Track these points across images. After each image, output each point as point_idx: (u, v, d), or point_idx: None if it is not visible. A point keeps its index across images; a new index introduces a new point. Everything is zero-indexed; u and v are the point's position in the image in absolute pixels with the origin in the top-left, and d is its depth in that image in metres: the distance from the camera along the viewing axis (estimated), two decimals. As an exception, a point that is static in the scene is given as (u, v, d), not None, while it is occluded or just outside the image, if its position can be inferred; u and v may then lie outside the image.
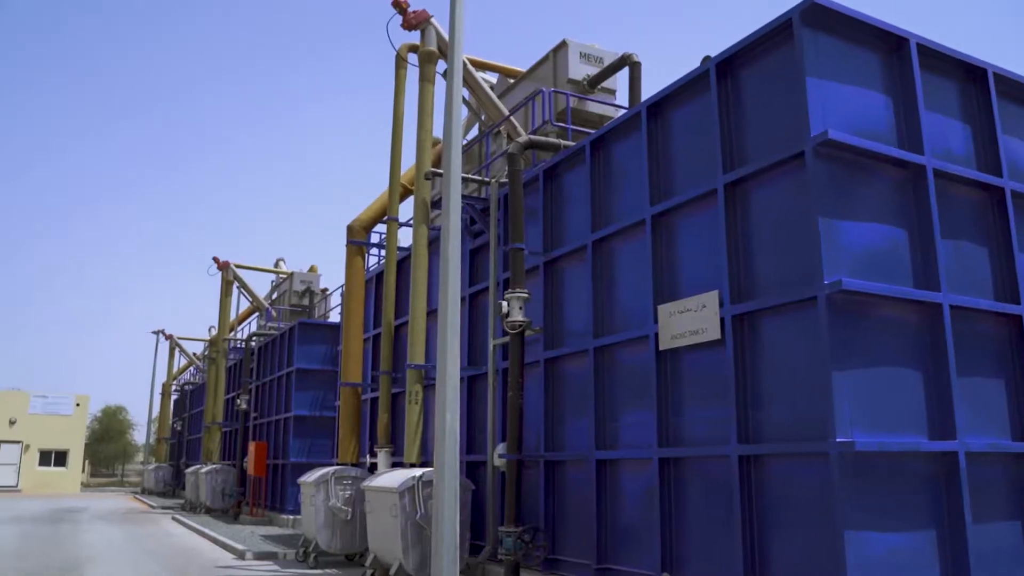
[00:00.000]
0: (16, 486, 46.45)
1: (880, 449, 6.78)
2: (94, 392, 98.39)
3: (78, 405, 49.87)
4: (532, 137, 11.89)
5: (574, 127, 12.91)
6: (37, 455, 47.83)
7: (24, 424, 47.61)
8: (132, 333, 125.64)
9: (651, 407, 8.98)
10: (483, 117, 15.76)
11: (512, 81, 15.84)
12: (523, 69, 15.73)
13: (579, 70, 13.94)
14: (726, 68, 8.66)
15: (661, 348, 8.95)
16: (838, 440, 6.66)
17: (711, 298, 8.34)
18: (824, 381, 6.89)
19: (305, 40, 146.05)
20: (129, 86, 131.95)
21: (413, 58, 14.89)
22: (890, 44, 8.20)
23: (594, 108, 13.71)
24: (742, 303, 7.99)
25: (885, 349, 7.27)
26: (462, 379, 12.57)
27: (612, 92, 14.28)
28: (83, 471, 52.79)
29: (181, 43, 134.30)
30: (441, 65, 14.16)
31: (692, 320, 8.56)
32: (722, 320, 8.16)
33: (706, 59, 9.14)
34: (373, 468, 13.65)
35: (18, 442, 47.29)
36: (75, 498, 39.65)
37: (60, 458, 48.56)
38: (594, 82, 13.89)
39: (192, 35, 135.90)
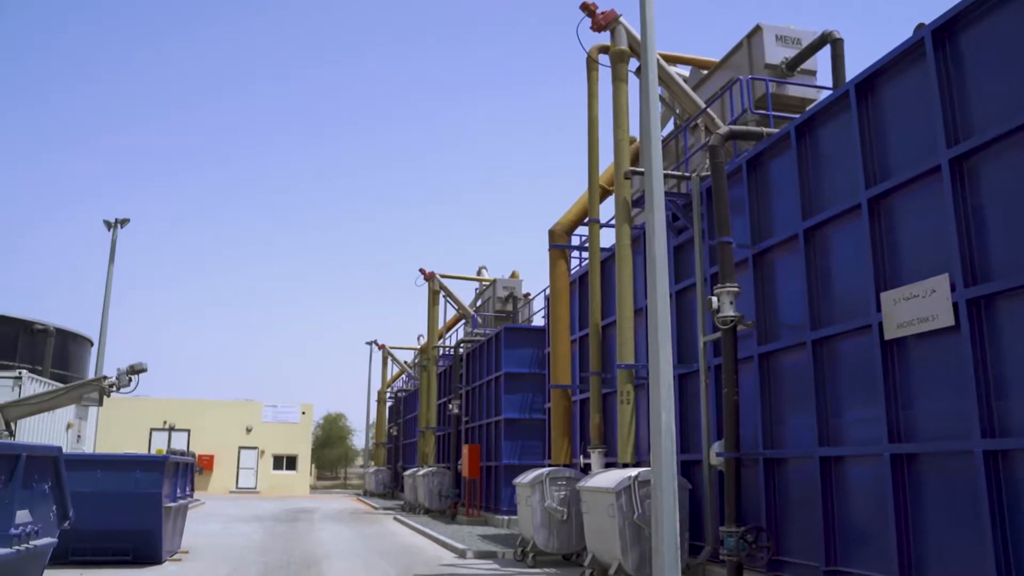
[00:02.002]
0: (255, 488, 50.56)
1: None
2: (316, 400, 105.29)
3: (303, 413, 53.56)
4: (733, 127, 11.60)
5: (775, 113, 12.47)
6: (271, 460, 51.84)
7: (259, 431, 51.75)
8: (348, 344, 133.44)
9: (878, 401, 8.51)
10: (678, 111, 15.53)
11: (705, 72, 15.51)
12: (716, 59, 15.37)
13: (776, 54, 13.44)
14: (944, 34, 8.07)
15: (886, 338, 8.47)
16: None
17: (941, 282, 7.80)
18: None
19: (496, 48, 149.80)
20: (334, 106, 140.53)
21: (604, 59, 14.90)
22: None
23: (794, 92, 13.18)
24: (977, 286, 7.41)
25: None
26: (672, 377, 12.42)
27: (812, 73, 13.66)
28: (310, 474, 56.58)
29: (375, 65, 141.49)
30: (633, 63, 14.11)
31: (920, 307, 8.04)
32: (954, 305, 7.61)
33: (920, 27, 8.56)
34: (586, 469, 13.75)
35: (255, 448, 51.48)
36: (305, 499, 42.59)
37: (291, 462, 52.38)
38: (792, 65, 13.34)
39: (388, 58, 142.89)
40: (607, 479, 11.70)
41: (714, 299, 10.53)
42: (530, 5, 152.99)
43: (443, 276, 30.59)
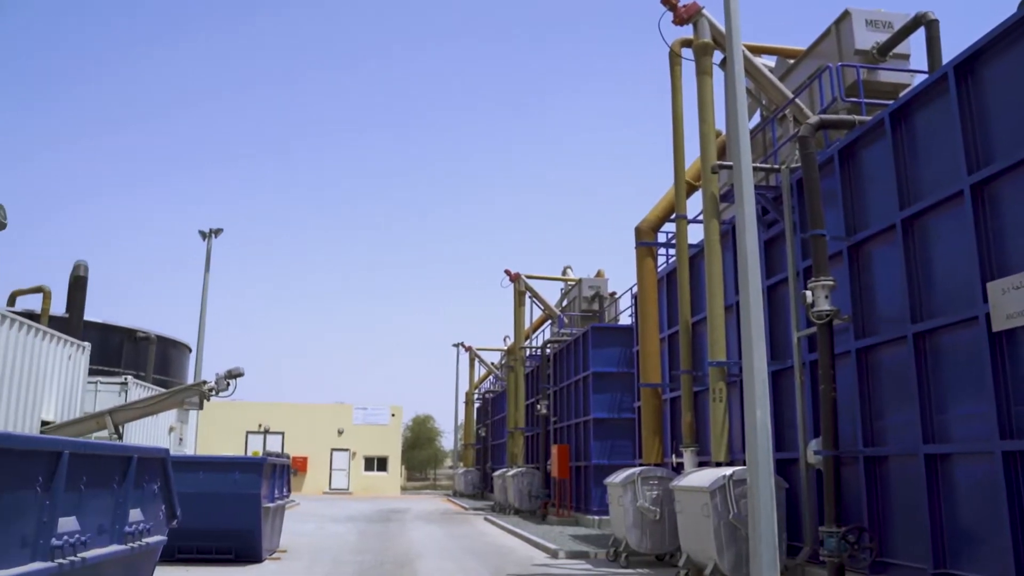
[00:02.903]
0: (347, 489, 51.57)
1: None
2: (405, 403, 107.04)
3: (393, 415, 54.38)
4: (823, 117, 11.29)
5: (867, 100, 12.09)
6: (362, 461, 52.80)
7: (350, 434, 52.79)
8: (435, 346, 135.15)
9: (986, 396, 8.15)
10: (764, 102, 15.22)
11: (791, 62, 15.15)
12: (802, 48, 15.00)
13: (866, 38, 13.02)
14: (1051, 10, 7.68)
15: (994, 329, 8.10)
16: None
17: (1054, 270, 7.42)
18: None
19: (578, 45, 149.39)
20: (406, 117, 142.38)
21: (687, 53, 14.71)
22: None
23: (887, 77, 12.75)
24: (1094, 273, 7.03)
25: None
26: (767, 374, 12.16)
27: (905, 57, 13.19)
28: (400, 475, 57.45)
29: (459, 64, 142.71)
30: (717, 56, 13.89)
31: (1031, 296, 7.66)
32: (1070, 294, 7.23)
33: (1025, 3, 8.18)
34: (678, 468, 13.59)
35: (347, 450, 52.52)
36: (396, 500, 43.23)
37: (381, 463, 53.25)
38: (884, 49, 12.91)
39: (473, 56, 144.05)
40: (701, 478, 11.53)
41: (808, 293, 10.27)
42: (610, 1, 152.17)
43: (528, 277, 30.67)
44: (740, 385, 13.04)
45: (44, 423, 16.29)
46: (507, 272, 30.78)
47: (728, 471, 11.04)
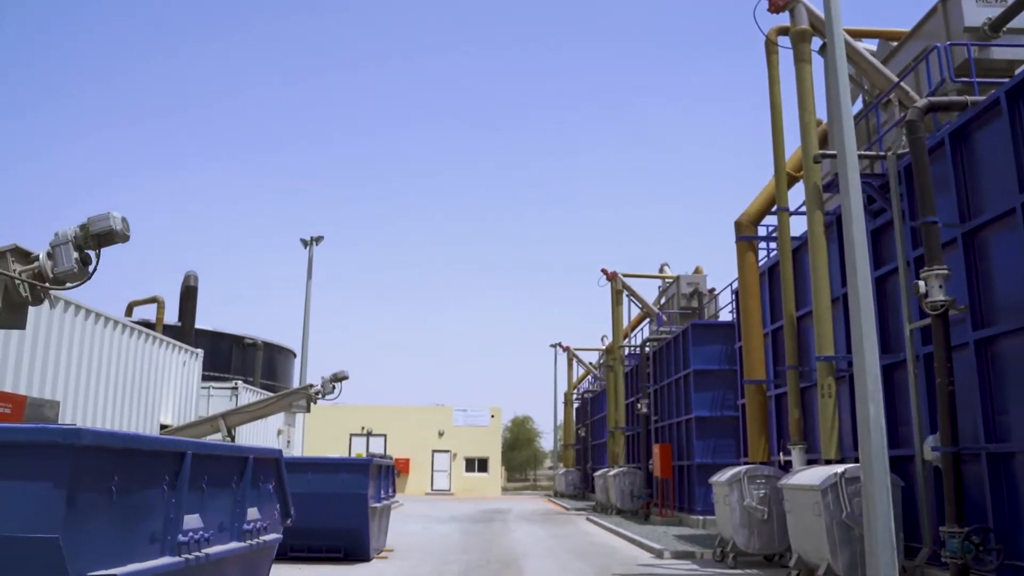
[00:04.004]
0: (449, 490, 52.21)
1: None
2: (504, 404, 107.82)
3: (492, 416, 54.79)
4: (932, 99, 10.84)
5: (979, 80, 11.55)
6: (463, 463, 53.37)
7: (450, 435, 53.43)
8: (532, 347, 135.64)
9: (1122, 386, 7.67)
10: (866, 87, 14.72)
11: (895, 44, 14.61)
12: (905, 29, 14.45)
13: (976, 15, 12.44)
14: None
15: None
16: None
17: None
18: None
19: (672, 37, 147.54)
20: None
21: (783, 41, 14.37)
22: None
23: (1000, 54, 12.15)
24: None
25: None
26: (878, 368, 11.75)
27: (1021, 32, 12.55)
28: (500, 476, 57.83)
29: (555, 62, 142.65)
30: (815, 42, 13.50)
31: None
32: None
33: None
34: (786, 466, 13.26)
35: (447, 451, 53.18)
36: (497, 500, 43.51)
37: (482, 464, 53.71)
38: (996, 25, 12.31)
39: (567, 53, 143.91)
40: (811, 476, 11.21)
41: (921, 283, 9.87)
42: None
43: (625, 275, 30.46)
44: (849, 380, 12.64)
45: (162, 426, 17.05)
46: (604, 271, 30.63)
47: (840, 469, 10.70)
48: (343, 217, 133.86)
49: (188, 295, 29.52)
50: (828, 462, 11.77)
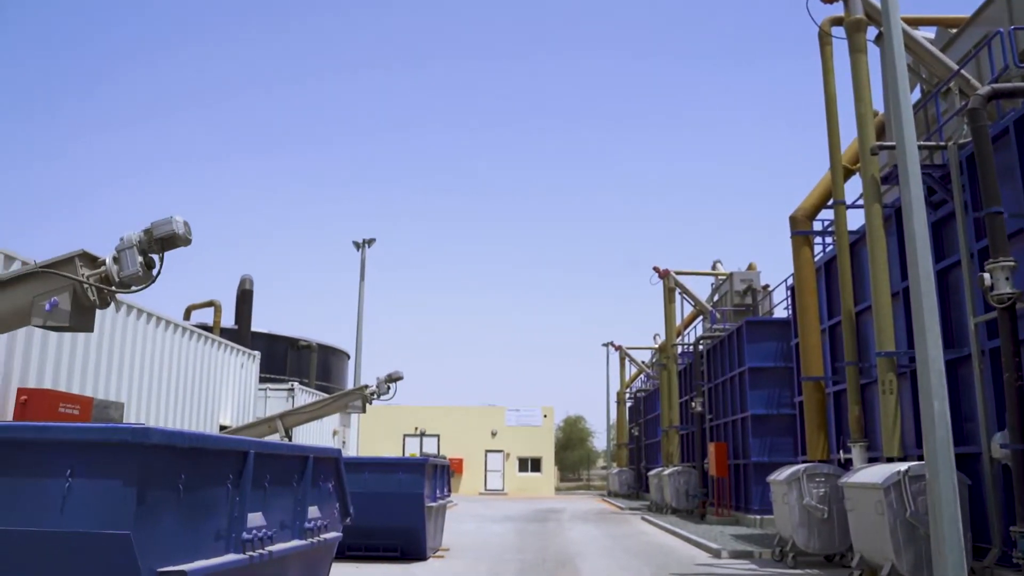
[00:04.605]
0: (502, 490, 52.33)
1: None
2: (556, 403, 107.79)
3: (545, 416, 54.79)
4: (995, 86, 10.54)
5: (1045, 64, 11.22)
6: (516, 462, 53.45)
7: (503, 435, 53.56)
8: (583, 347, 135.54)
9: None
10: (924, 76, 14.40)
11: (954, 32, 14.28)
12: (965, 16, 14.11)
13: (1041, -1, 12.10)
14: None
15: None
16: None
17: None
18: None
19: (723, 30, 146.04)
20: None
21: (837, 31, 14.12)
22: None
23: (1067, 38, 11.79)
24: None
25: None
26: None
27: (1088, 16, 12.18)
28: (553, 476, 57.80)
29: (605, 62, 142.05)
30: (871, 32, 13.25)
31: None
32: None
33: None
34: (846, 464, 13.02)
35: (500, 451, 53.31)
36: (551, 500, 43.47)
37: (535, 464, 53.74)
38: (1062, 10, 11.97)
39: (618, 53, 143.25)
40: (873, 474, 10.99)
41: (986, 276, 9.61)
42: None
43: (678, 273, 30.21)
44: (911, 376, 12.38)
45: (222, 427, 17.37)
46: (656, 269, 30.42)
47: (903, 466, 10.47)
48: (395, 217, 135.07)
49: (244, 298, 30.05)
50: (890, 460, 11.53)
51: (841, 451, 14.38)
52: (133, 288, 5.68)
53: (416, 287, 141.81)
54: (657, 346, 39.02)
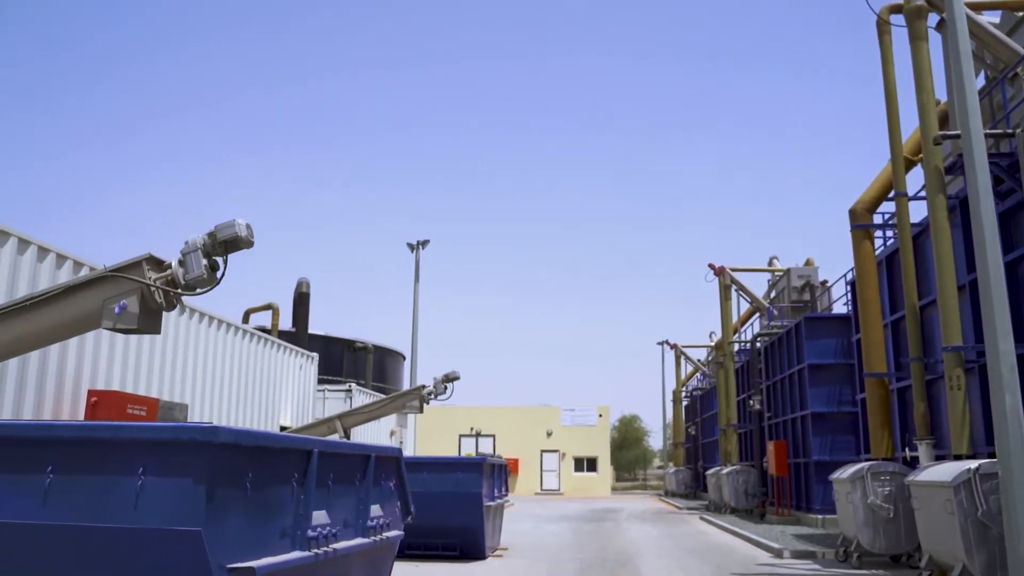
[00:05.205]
0: (558, 489, 52.28)
1: None
2: (612, 403, 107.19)
3: (600, 416, 54.62)
4: (1064, 71, 10.22)
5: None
6: (572, 462, 53.38)
7: (558, 435, 53.53)
8: (639, 345, 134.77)
9: None
10: (989, 62, 14.00)
11: (1020, 15, 13.85)
12: (1033, -1, 13.68)
13: (1112, -19, 11.69)
14: None
15: None
16: None
17: None
18: None
19: (776, 18, 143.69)
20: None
21: (896, 19, 13.83)
22: None
23: None
24: None
25: None
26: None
27: None
28: (609, 475, 57.57)
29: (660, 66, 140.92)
30: (932, 18, 12.94)
31: None
32: None
33: None
34: (912, 462, 12.72)
35: (556, 451, 53.28)
36: (607, 500, 43.30)
37: (591, 464, 53.61)
38: None
39: (676, 54, 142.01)
40: (941, 472, 10.72)
41: (1058, 267, 9.32)
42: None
43: (733, 269, 29.90)
44: (979, 371, 12.05)
45: (282, 427, 17.64)
46: (711, 266, 30.13)
47: (973, 464, 10.19)
48: (449, 217, 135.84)
49: (301, 301, 30.48)
50: (958, 457, 11.24)
51: (906, 449, 14.07)
52: (198, 290, 5.79)
53: (470, 288, 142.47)
54: (713, 344, 38.60)
